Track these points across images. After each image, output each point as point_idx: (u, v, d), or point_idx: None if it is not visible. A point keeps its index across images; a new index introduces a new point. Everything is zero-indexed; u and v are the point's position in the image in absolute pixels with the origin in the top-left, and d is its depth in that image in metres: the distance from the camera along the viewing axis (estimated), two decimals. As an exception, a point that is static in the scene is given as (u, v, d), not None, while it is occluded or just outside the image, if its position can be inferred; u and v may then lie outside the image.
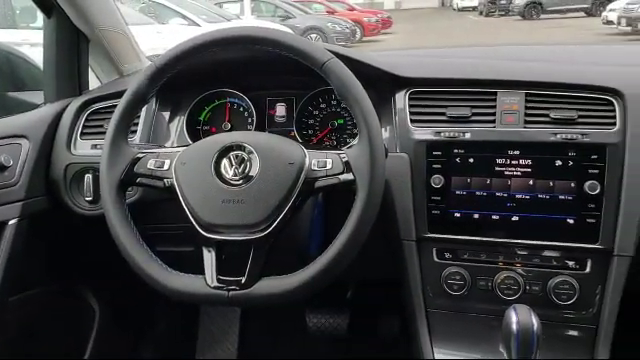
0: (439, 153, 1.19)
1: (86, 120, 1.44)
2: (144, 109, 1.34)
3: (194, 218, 1.01)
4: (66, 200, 1.39)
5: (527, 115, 1.18)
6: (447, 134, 1.19)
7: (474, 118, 1.20)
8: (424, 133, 1.21)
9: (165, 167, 1.06)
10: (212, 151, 1.03)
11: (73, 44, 1.54)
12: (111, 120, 1.09)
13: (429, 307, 1.23)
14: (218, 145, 1.04)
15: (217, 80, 1.43)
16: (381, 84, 1.28)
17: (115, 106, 1.11)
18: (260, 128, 1.42)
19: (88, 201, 1.37)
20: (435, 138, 1.20)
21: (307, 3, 18.06)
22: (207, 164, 1.02)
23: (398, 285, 1.30)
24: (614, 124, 1.14)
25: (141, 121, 1.39)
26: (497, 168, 1.17)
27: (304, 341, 2.05)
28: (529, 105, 1.18)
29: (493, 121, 1.19)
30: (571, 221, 1.14)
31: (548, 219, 1.15)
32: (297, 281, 0.97)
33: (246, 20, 12.53)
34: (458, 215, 1.19)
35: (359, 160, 0.98)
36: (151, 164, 1.07)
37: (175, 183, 1.04)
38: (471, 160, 1.18)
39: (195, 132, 1.44)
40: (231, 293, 0.97)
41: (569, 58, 1.47)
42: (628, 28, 12.63)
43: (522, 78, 1.22)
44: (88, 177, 1.36)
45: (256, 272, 0.97)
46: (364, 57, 1.27)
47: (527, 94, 1.19)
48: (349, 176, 0.99)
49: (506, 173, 1.16)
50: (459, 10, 34.03)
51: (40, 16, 1.52)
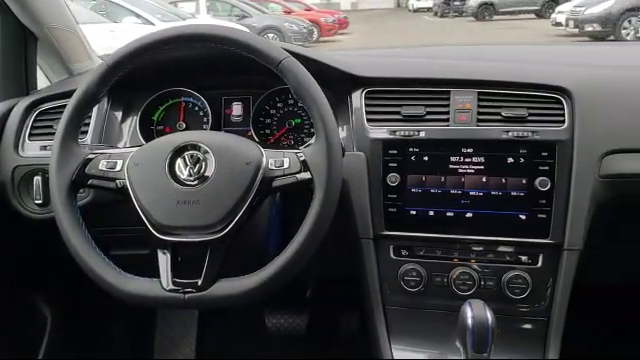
0: (395, 152, 1.20)
1: (34, 121, 1.39)
2: (95, 109, 1.31)
3: (148, 220, 0.99)
4: (14, 203, 1.34)
5: (480, 114, 1.20)
6: (402, 133, 1.20)
7: (428, 117, 1.22)
8: (380, 132, 1.22)
9: (117, 168, 1.04)
10: (166, 151, 1.02)
11: (20, 42, 1.49)
12: (61, 120, 1.06)
13: (387, 304, 1.24)
14: (172, 145, 1.02)
15: (171, 79, 1.41)
16: (338, 84, 1.28)
17: (65, 106, 1.08)
18: (216, 128, 1.41)
19: (38, 204, 1.32)
20: (391, 137, 1.21)
21: (264, 2, 17.97)
22: (161, 164, 1.00)
23: (357, 283, 1.30)
24: (563, 122, 1.17)
25: (92, 121, 1.36)
26: (451, 166, 1.18)
27: (263, 342, 2.04)
28: (481, 104, 1.20)
29: (447, 120, 1.21)
30: (523, 217, 1.17)
31: (501, 215, 1.18)
32: (255, 282, 0.96)
33: (202, 19, 12.39)
34: (414, 212, 1.21)
35: (316, 159, 0.98)
36: (103, 165, 1.05)
37: (128, 184, 1.02)
38: (426, 158, 1.19)
39: (149, 132, 1.41)
40: (187, 296, 0.96)
41: (520, 58, 1.51)
42: (575, 30, 13.05)
43: (474, 77, 1.24)
44: (37, 179, 1.31)
45: (213, 274, 0.96)
46: (321, 56, 1.27)
47: (479, 93, 1.21)
48: (306, 175, 0.99)
49: (460, 171, 1.18)
50: (414, 11, 34.47)
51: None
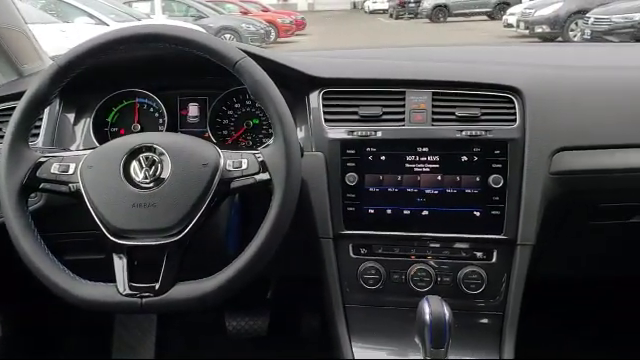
0: (353, 151, 1.21)
1: None
2: (47, 111, 1.28)
3: (103, 224, 0.97)
4: None
5: (434, 113, 1.22)
6: (359, 133, 1.21)
7: (385, 117, 1.23)
8: (338, 132, 1.23)
9: (70, 171, 1.01)
10: (120, 153, 1.00)
11: None
12: (10, 122, 1.03)
13: (347, 303, 1.25)
14: (127, 147, 1.00)
15: (125, 80, 1.38)
16: (295, 84, 1.28)
17: (14, 108, 1.04)
18: (172, 129, 1.39)
19: (-14, 210, 1.27)
20: (348, 137, 1.22)
21: (220, 3, 17.83)
22: (115, 167, 0.99)
23: (318, 282, 1.31)
24: (514, 121, 1.20)
25: (44, 123, 1.32)
26: (407, 165, 1.20)
27: (224, 344, 2.02)
28: (436, 104, 1.23)
29: (403, 120, 1.22)
30: (477, 214, 1.20)
31: (456, 212, 1.20)
32: (213, 285, 0.95)
33: (157, 19, 12.19)
34: (372, 211, 1.22)
35: (275, 159, 0.98)
36: (55, 168, 1.02)
37: (81, 188, 0.99)
38: (383, 158, 1.21)
39: (103, 134, 1.38)
40: (144, 300, 0.94)
41: (473, 58, 1.54)
42: (526, 31, 13.44)
43: (429, 78, 1.26)
44: None
45: (171, 277, 0.95)
46: (278, 57, 1.27)
47: (434, 93, 1.23)
48: (265, 176, 0.98)
49: (416, 170, 1.20)
50: (370, 13, 34.83)
51: None
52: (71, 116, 1.39)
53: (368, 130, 1.21)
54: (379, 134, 1.21)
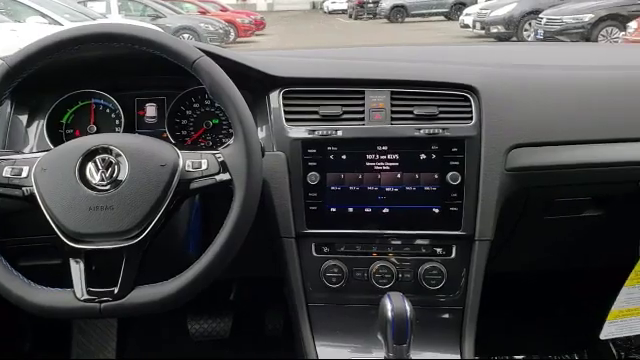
0: (314, 151, 1.22)
1: None
2: (-4, 113, 1.24)
3: (58, 228, 0.95)
4: None
5: (393, 112, 1.23)
6: (320, 132, 1.22)
7: (345, 116, 1.24)
8: (299, 132, 1.23)
9: (23, 174, 0.99)
10: (76, 155, 0.97)
11: None
12: None
13: (310, 302, 1.25)
14: (82, 148, 0.98)
15: (80, 80, 1.35)
16: (255, 84, 1.28)
17: None
18: (129, 130, 1.36)
19: None
20: (309, 136, 1.22)
21: (178, 3, 17.61)
22: (70, 169, 0.96)
23: (281, 282, 1.31)
24: (471, 118, 1.22)
25: None
26: (367, 163, 1.21)
27: (187, 348, 2.00)
28: (394, 102, 1.24)
29: (362, 119, 1.23)
30: (436, 210, 1.21)
31: (416, 210, 1.22)
32: (173, 288, 0.94)
33: (113, 19, 11.93)
34: (334, 210, 1.23)
35: (235, 159, 0.98)
36: (7, 172, 0.99)
37: (35, 191, 0.97)
38: (344, 157, 1.21)
39: (57, 136, 1.34)
40: (103, 305, 0.93)
41: (430, 58, 1.56)
42: (482, 31, 13.76)
43: (387, 77, 1.27)
44: None
45: (129, 281, 0.94)
46: (237, 56, 1.26)
47: (392, 92, 1.24)
48: (225, 176, 0.98)
49: (376, 168, 1.21)
50: (329, 13, 34.96)
51: None
52: (24, 118, 1.35)
53: (329, 129, 1.21)
54: (339, 133, 1.22)
